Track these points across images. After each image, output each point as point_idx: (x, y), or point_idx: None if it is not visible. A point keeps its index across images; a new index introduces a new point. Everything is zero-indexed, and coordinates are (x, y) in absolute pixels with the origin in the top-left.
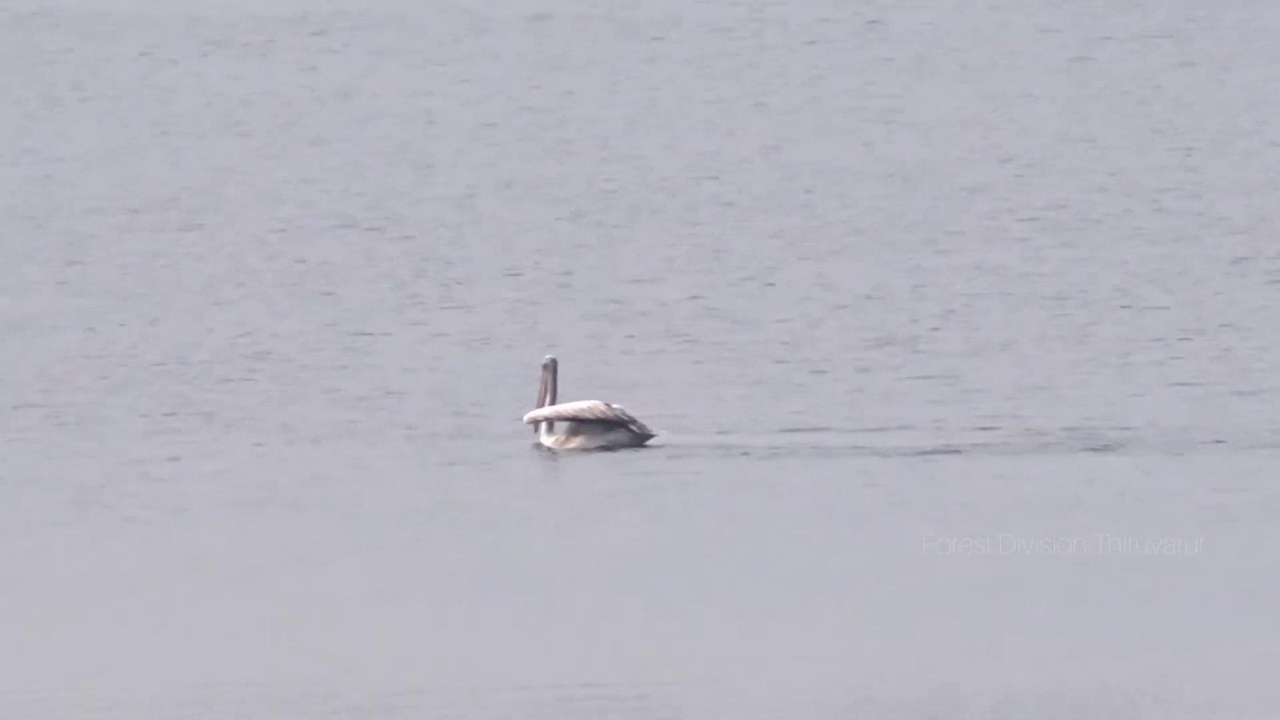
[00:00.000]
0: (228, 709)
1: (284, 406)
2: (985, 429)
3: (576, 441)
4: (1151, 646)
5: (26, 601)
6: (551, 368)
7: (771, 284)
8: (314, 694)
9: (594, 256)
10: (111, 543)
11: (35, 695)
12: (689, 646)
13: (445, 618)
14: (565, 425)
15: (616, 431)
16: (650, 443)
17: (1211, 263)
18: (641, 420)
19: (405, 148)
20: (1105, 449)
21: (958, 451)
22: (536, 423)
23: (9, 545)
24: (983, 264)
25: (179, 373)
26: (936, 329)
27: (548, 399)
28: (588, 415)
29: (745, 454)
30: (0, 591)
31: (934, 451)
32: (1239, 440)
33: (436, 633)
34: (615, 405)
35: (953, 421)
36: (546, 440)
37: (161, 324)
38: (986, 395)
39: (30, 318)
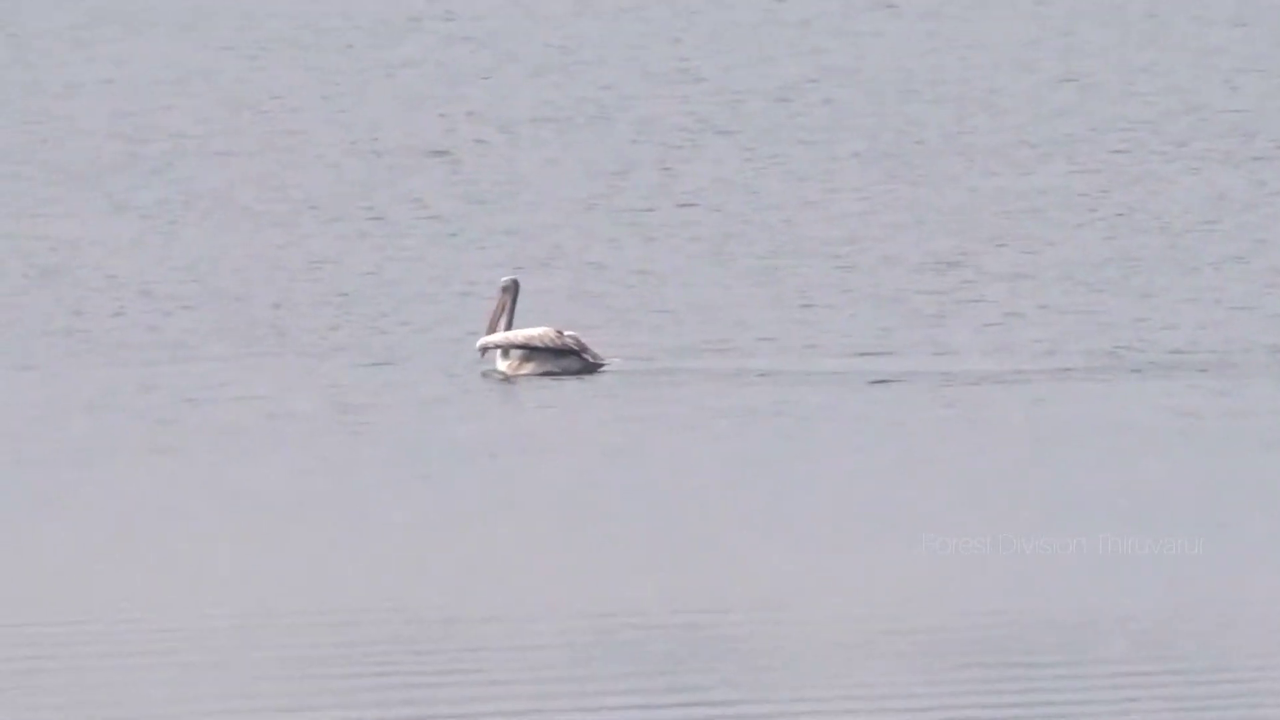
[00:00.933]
0: (282, 639)
1: (349, 333)
2: (1047, 353)
3: (529, 367)
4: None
5: (84, 530)
6: (512, 290)
7: (840, 205)
8: (365, 622)
9: (662, 177)
10: (171, 470)
11: (89, 626)
12: (739, 573)
13: (496, 545)
14: (518, 352)
15: (567, 358)
16: (602, 370)
17: None
18: (594, 348)
19: (475, 73)
20: (1169, 372)
21: (1016, 375)
22: (488, 349)
23: (68, 473)
24: (1057, 186)
25: (249, 299)
26: (1003, 250)
27: (503, 323)
28: (538, 343)
29: (748, 377)
30: (60, 520)
31: (991, 375)
32: None
33: (488, 561)
34: (567, 332)
35: (1013, 345)
36: (501, 365)
37: (231, 249)
38: (1054, 319)
39: (97, 241)
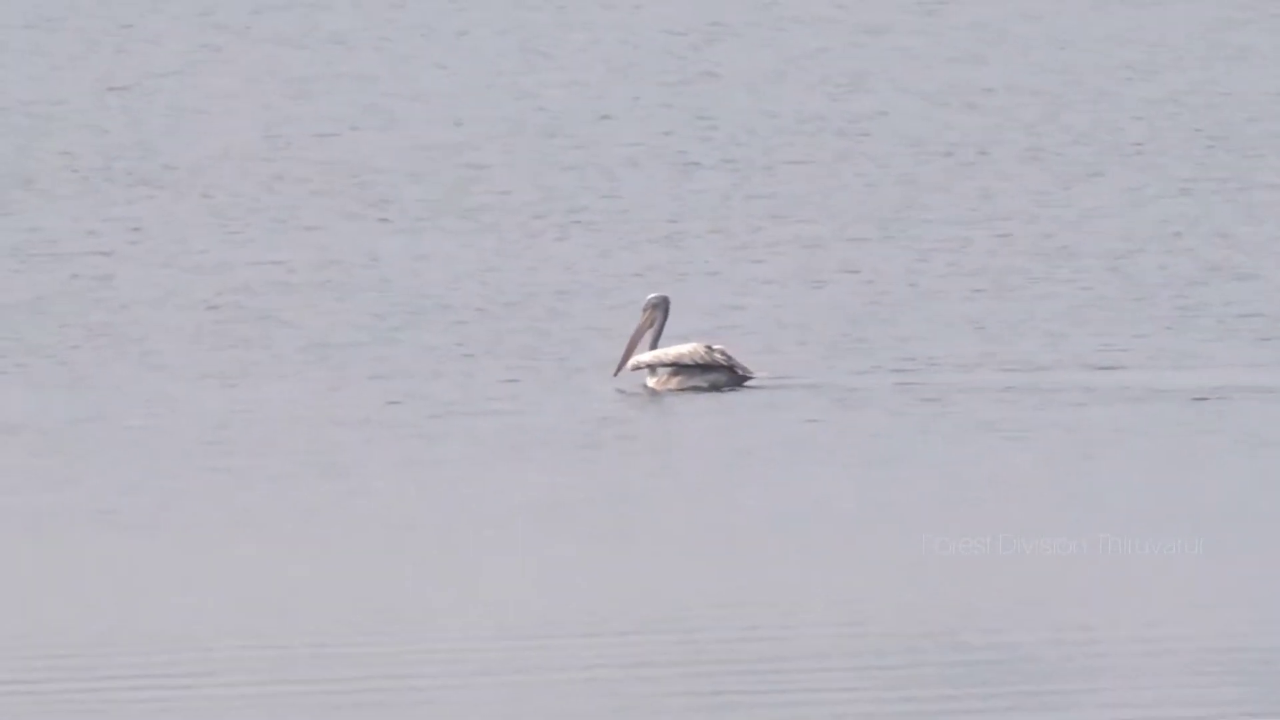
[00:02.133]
0: (571, 656)
1: (587, 345)
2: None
3: (675, 383)
4: None
5: (346, 543)
6: (662, 306)
7: (1101, 215)
8: (648, 637)
9: (931, 193)
10: (431, 483)
11: (370, 646)
12: (1024, 585)
13: (775, 557)
14: (666, 368)
15: (715, 373)
16: (749, 383)
17: None
18: (744, 362)
19: (755, 85)
20: None
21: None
22: (638, 368)
23: (322, 486)
24: None
25: (495, 311)
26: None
27: (648, 339)
28: (688, 361)
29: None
30: (318, 532)
31: (1253, 388)
32: None
33: (767, 574)
34: (716, 347)
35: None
36: (650, 382)
37: (478, 260)
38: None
39: (398, 255)
